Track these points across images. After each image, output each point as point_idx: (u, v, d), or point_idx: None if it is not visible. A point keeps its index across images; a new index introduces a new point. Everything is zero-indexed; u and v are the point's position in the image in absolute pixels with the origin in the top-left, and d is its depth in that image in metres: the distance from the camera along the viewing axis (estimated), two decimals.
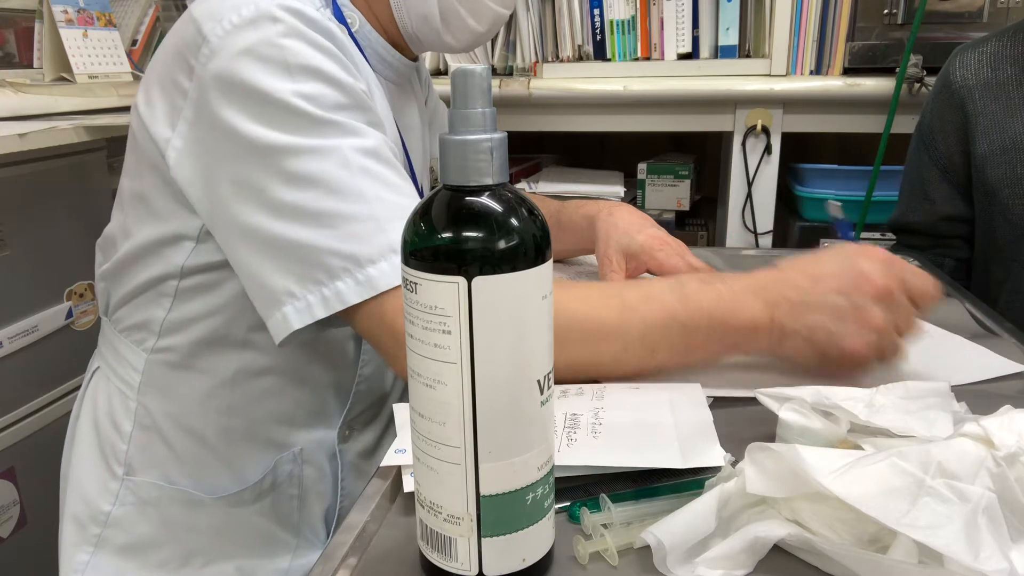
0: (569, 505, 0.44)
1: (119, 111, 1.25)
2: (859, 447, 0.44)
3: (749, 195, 1.44)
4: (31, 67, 1.36)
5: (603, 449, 0.48)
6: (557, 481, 0.40)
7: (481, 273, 0.33)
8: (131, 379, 0.73)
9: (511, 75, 1.47)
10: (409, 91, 0.84)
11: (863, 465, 0.38)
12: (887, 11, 1.32)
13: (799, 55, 1.37)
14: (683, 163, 1.55)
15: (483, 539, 0.36)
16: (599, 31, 1.45)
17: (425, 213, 0.36)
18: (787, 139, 1.42)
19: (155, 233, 0.68)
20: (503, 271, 0.34)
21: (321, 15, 0.64)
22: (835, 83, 1.36)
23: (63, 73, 1.30)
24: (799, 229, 1.45)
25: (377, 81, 0.73)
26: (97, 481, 0.75)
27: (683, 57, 1.43)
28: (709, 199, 1.72)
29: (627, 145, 1.77)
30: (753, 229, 1.45)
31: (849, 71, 1.36)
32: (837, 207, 0.96)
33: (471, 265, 0.34)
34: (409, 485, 0.46)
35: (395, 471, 0.49)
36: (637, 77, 1.42)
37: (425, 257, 0.34)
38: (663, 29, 1.42)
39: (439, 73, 1.52)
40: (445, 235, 0.35)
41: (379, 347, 0.60)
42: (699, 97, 1.40)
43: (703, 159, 1.77)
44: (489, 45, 1.49)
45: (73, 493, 0.76)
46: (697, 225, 1.75)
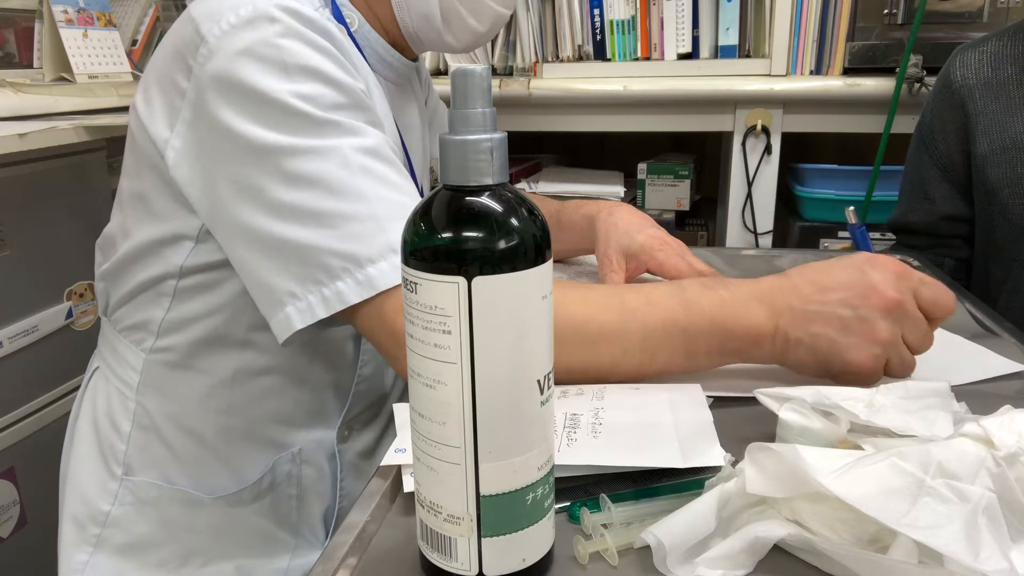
0: (569, 505, 0.44)
1: (119, 111, 1.25)
2: (859, 447, 0.44)
3: (749, 195, 1.44)
4: (31, 67, 1.36)
5: (603, 449, 0.48)
6: (557, 481, 0.40)
7: (481, 273, 0.33)
8: (130, 379, 0.73)
9: (511, 75, 1.47)
10: (409, 91, 0.84)
11: (863, 465, 0.38)
12: (887, 11, 1.32)
13: (799, 55, 1.37)
14: (683, 163, 1.55)
15: (483, 539, 0.36)
16: (599, 31, 1.45)
17: (425, 213, 0.36)
18: (787, 139, 1.42)
19: (154, 233, 0.68)
20: (503, 271, 0.34)
21: (320, 15, 0.64)
22: (835, 83, 1.36)
23: (63, 73, 1.30)
24: (799, 229, 1.45)
25: (376, 81, 0.73)
26: (96, 481, 0.75)
27: (683, 57, 1.43)
28: (709, 199, 1.72)
29: (627, 145, 1.77)
30: (753, 229, 1.45)
31: (849, 71, 1.36)
32: (853, 212, 0.94)
33: (471, 265, 0.33)
34: (409, 485, 0.46)
35: (395, 471, 0.49)
36: (637, 77, 1.42)
37: (425, 257, 0.34)
38: (663, 29, 1.42)
39: (439, 73, 1.52)
40: (445, 235, 0.35)
41: (379, 347, 0.60)
42: (699, 97, 1.40)
43: (703, 159, 1.77)
44: (489, 45, 1.49)
45: (72, 493, 0.76)
46: (697, 225, 1.75)
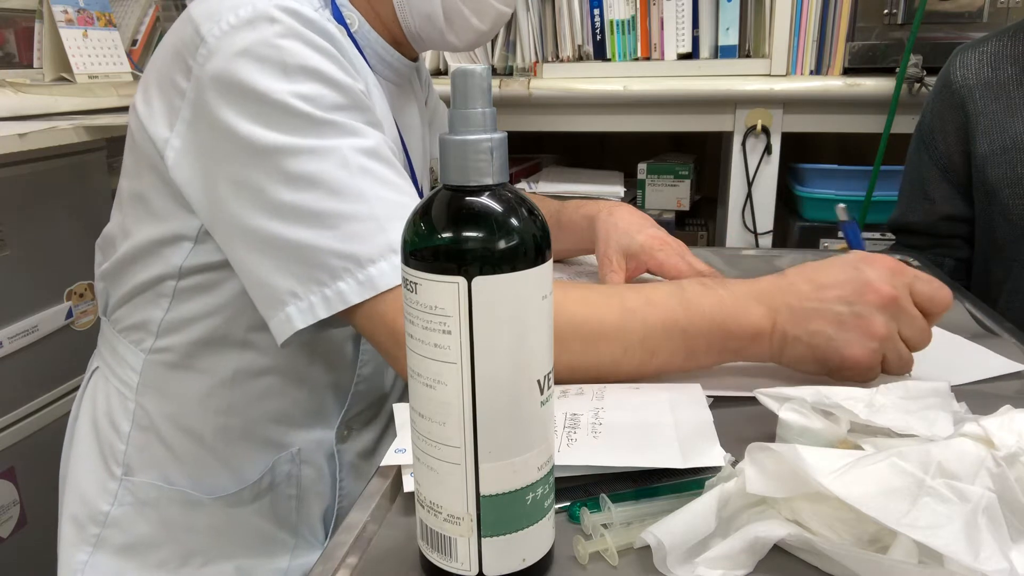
0: (569, 505, 0.44)
1: (119, 111, 1.25)
2: (859, 447, 0.44)
3: (749, 195, 1.44)
4: (31, 67, 1.36)
5: (603, 449, 0.48)
6: (557, 481, 0.40)
7: (481, 273, 0.33)
8: (129, 379, 0.73)
9: (511, 75, 1.47)
10: (409, 91, 0.84)
11: (863, 465, 0.38)
12: (887, 11, 1.32)
13: (799, 55, 1.37)
14: (683, 163, 1.55)
15: (483, 539, 0.36)
16: (599, 31, 1.45)
17: (425, 213, 0.36)
18: (787, 139, 1.42)
19: (154, 233, 0.68)
20: (503, 271, 0.34)
21: (319, 15, 0.64)
22: (835, 83, 1.36)
23: (63, 73, 1.30)
24: (799, 229, 1.45)
25: (376, 81, 0.73)
26: (96, 481, 0.75)
27: (683, 57, 1.43)
28: (709, 199, 1.72)
29: (627, 145, 1.77)
30: (753, 229, 1.45)
31: (849, 71, 1.36)
32: (844, 210, 0.94)
33: (471, 265, 0.33)
34: (409, 485, 0.46)
35: (395, 471, 0.49)
36: (637, 77, 1.42)
37: (425, 257, 0.34)
38: (663, 29, 1.42)
39: (439, 73, 1.52)
40: (445, 235, 0.35)
41: (379, 347, 0.60)
42: (699, 97, 1.40)
43: (703, 159, 1.77)
44: (489, 45, 1.49)
45: (72, 493, 0.76)
46: (697, 225, 1.75)
